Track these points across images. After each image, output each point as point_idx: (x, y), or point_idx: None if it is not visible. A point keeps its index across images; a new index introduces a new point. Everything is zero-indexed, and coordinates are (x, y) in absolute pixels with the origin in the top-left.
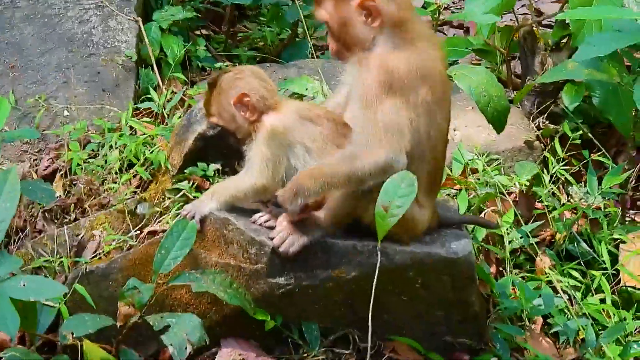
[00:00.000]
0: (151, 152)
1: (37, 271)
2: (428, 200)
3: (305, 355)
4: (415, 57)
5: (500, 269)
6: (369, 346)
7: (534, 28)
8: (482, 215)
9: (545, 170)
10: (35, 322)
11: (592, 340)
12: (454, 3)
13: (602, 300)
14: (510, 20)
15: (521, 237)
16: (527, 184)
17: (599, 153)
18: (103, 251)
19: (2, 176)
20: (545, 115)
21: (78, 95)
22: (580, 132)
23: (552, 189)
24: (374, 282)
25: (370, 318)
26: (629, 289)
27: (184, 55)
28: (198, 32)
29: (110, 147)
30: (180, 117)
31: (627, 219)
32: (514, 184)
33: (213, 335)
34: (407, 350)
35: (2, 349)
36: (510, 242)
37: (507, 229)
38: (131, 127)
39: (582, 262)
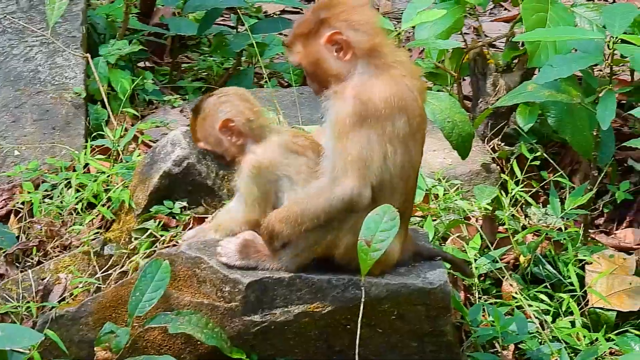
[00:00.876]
0: (113, 191)
1: (3, 317)
2: (399, 232)
3: None
4: (392, 87)
5: (468, 295)
6: None
7: (484, 49)
8: (448, 241)
9: (503, 193)
10: None
11: None
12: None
13: (572, 323)
14: (454, 40)
15: (488, 263)
16: (490, 208)
17: (557, 174)
18: (70, 294)
19: None
20: (500, 136)
21: (28, 135)
22: (537, 152)
23: (511, 211)
24: (360, 317)
25: (356, 354)
26: (597, 310)
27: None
28: (142, 65)
29: (66, 186)
30: (139, 154)
31: (588, 238)
32: (475, 208)
33: None
34: None
35: None
36: (477, 268)
37: (474, 255)
38: (84, 165)
39: (548, 285)
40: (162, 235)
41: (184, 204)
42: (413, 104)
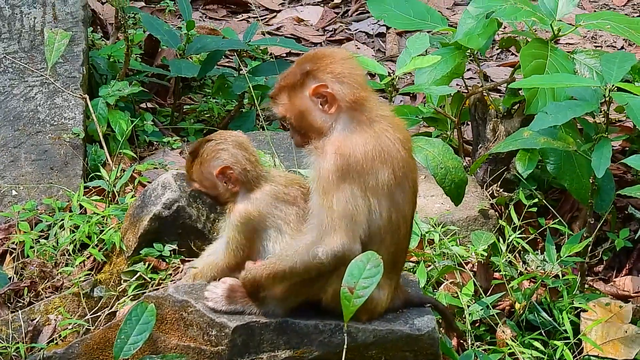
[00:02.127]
0: (105, 233)
1: None
2: (388, 282)
3: None
4: (372, 140)
5: (461, 341)
6: None
7: (484, 95)
8: (441, 287)
9: (501, 239)
10: None
11: None
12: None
13: None
14: (457, 85)
15: (481, 309)
16: (485, 254)
17: (556, 220)
18: (59, 335)
19: None
20: (499, 182)
21: (26, 174)
22: (535, 199)
23: (508, 257)
24: None
25: None
26: (592, 358)
27: (131, 131)
28: (143, 106)
29: (61, 227)
30: (133, 195)
31: (586, 286)
32: (471, 254)
33: None
34: None
35: None
36: (470, 314)
37: (467, 301)
38: (81, 206)
39: (543, 332)
40: (151, 278)
41: (174, 246)
42: (397, 155)
